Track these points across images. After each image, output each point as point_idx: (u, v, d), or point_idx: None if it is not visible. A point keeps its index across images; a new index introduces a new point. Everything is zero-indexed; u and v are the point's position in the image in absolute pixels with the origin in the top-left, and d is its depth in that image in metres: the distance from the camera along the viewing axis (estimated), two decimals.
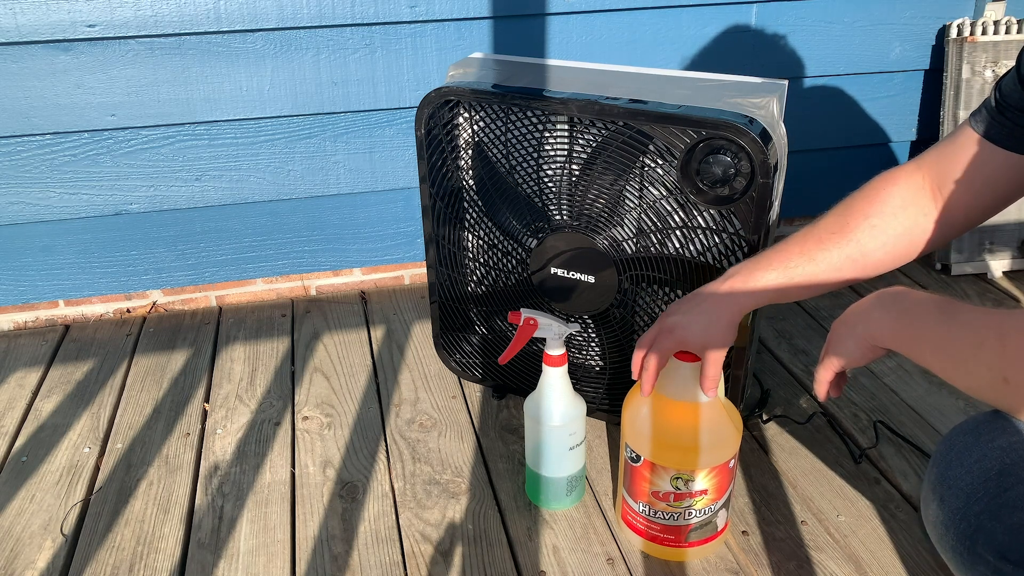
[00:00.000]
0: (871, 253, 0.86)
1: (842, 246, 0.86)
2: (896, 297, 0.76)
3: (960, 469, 0.69)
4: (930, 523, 0.72)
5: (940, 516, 0.70)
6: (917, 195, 0.86)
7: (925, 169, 0.86)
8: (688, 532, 0.99)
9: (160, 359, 1.48)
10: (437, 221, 1.25)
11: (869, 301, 0.79)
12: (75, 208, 1.50)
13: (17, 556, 1.06)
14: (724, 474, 0.96)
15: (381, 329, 1.56)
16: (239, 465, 1.21)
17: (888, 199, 0.86)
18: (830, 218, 0.88)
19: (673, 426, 0.95)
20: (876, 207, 0.86)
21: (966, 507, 0.67)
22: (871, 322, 0.77)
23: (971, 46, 1.60)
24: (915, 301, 0.74)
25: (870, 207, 0.86)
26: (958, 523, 0.67)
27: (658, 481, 0.96)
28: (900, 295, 0.76)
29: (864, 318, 0.78)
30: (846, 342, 0.80)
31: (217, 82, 1.44)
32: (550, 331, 1.02)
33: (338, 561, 1.04)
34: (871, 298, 0.79)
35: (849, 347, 0.80)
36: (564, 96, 1.07)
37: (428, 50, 1.50)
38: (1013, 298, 1.59)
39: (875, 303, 0.78)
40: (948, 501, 0.69)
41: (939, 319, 0.71)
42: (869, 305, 0.78)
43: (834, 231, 0.87)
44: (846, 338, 0.80)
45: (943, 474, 0.70)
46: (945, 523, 0.69)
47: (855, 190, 0.89)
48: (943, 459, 0.72)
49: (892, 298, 0.77)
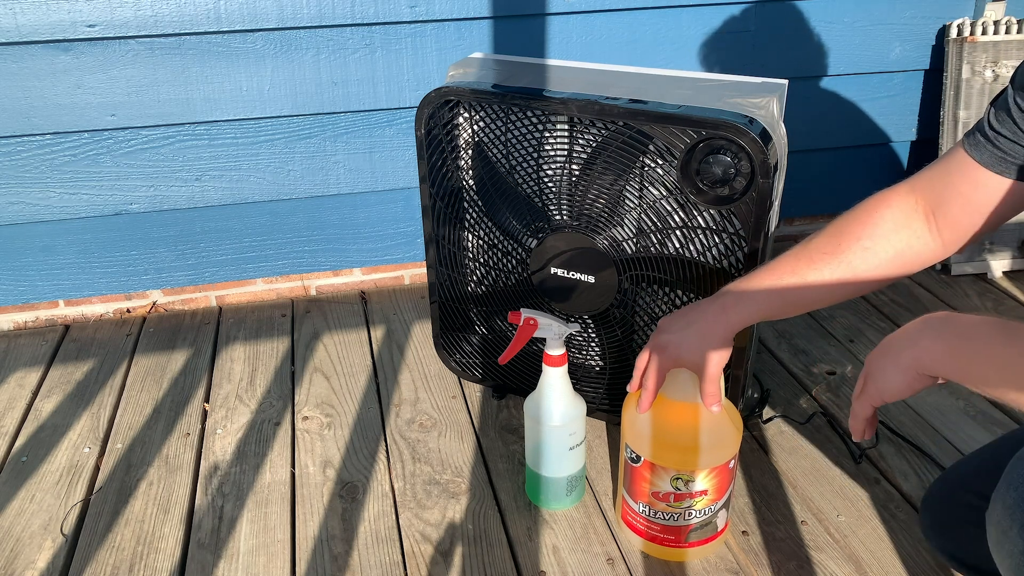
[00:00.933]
0: (862, 274, 0.86)
1: (833, 267, 0.86)
2: (946, 322, 0.72)
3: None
4: (1004, 551, 0.67)
5: (1021, 544, 0.65)
6: (910, 217, 0.85)
7: (919, 192, 0.85)
8: (688, 532, 0.99)
9: (160, 359, 1.48)
10: (437, 221, 1.25)
11: (915, 328, 0.74)
12: (75, 208, 1.50)
13: (17, 556, 1.06)
14: (724, 474, 0.96)
15: (381, 329, 1.56)
16: (239, 465, 1.21)
17: (881, 221, 0.86)
18: (822, 238, 0.88)
19: (673, 427, 0.95)
20: (868, 229, 0.86)
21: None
22: (920, 349, 0.72)
23: (971, 46, 1.60)
24: (970, 324, 0.70)
25: (863, 229, 0.86)
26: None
27: (658, 482, 0.96)
28: (950, 319, 0.72)
29: (910, 345, 0.73)
30: (887, 373, 0.75)
31: (217, 82, 1.44)
32: (550, 331, 1.02)
33: (338, 561, 1.04)
34: (916, 324, 0.74)
35: (892, 378, 0.75)
36: (564, 96, 1.07)
37: (428, 50, 1.50)
38: (1013, 298, 1.59)
39: (922, 329, 0.73)
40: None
41: (1004, 341, 0.67)
42: (916, 332, 0.74)
43: (826, 251, 0.86)
44: (888, 369, 0.75)
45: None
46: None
47: (848, 209, 0.89)
48: (1023, 483, 0.66)
49: (942, 323, 0.72)
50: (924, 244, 0.85)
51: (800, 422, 1.26)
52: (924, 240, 0.85)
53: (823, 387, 1.35)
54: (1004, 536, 0.67)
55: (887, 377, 0.76)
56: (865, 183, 1.83)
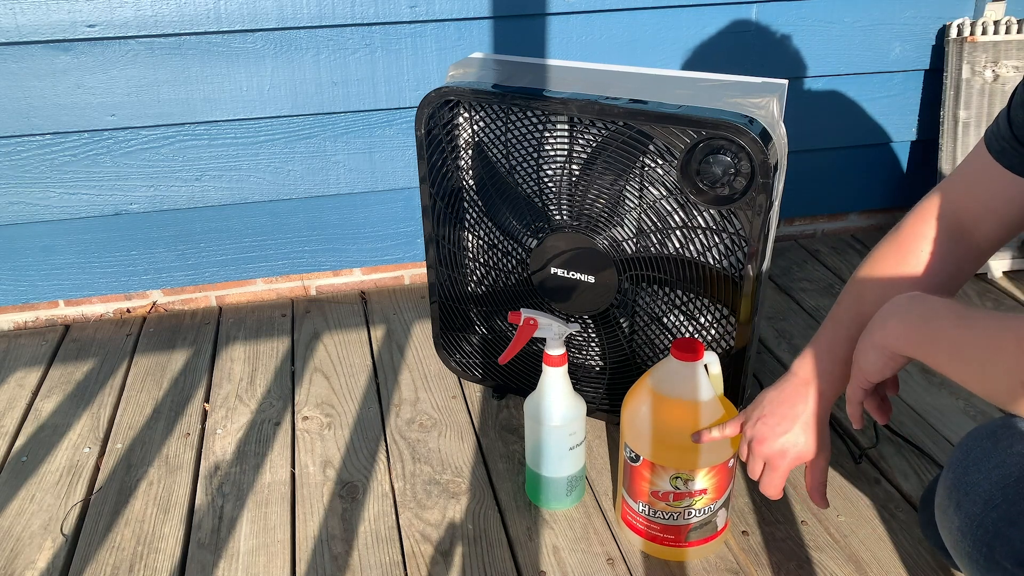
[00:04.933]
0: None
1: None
2: (911, 302, 0.75)
3: (978, 475, 0.68)
4: (945, 528, 0.71)
5: (956, 522, 0.69)
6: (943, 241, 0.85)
7: (950, 201, 0.86)
8: (688, 532, 0.99)
9: (160, 359, 1.48)
10: (437, 221, 1.25)
11: (886, 309, 0.78)
12: (75, 208, 1.50)
13: (17, 556, 1.06)
14: (724, 473, 0.96)
15: (381, 329, 1.56)
16: (239, 465, 1.21)
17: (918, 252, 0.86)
18: (869, 278, 0.89)
19: (672, 426, 0.95)
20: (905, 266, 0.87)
21: (984, 513, 0.66)
22: (887, 329, 0.76)
23: (971, 46, 1.60)
24: (930, 306, 0.74)
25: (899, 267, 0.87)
26: (975, 529, 0.66)
27: (657, 481, 0.96)
28: (915, 300, 0.75)
29: (881, 326, 0.77)
30: (867, 354, 0.79)
31: (217, 82, 1.44)
32: (550, 331, 1.02)
33: (338, 561, 1.04)
34: (887, 306, 0.78)
35: (870, 358, 0.78)
36: (564, 96, 1.07)
37: (428, 50, 1.50)
38: (1013, 298, 1.59)
39: (890, 310, 0.77)
40: (965, 507, 0.68)
41: (956, 323, 0.70)
42: (886, 313, 0.77)
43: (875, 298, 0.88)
44: (866, 350, 0.79)
45: (960, 479, 0.69)
46: (961, 529, 0.68)
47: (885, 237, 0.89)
48: (960, 464, 0.70)
49: (907, 304, 0.76)
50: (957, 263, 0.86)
51: None
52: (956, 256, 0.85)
53: None
54: (944, 515, 0.71)
55: (866, 358, 0.79)
56: (865, 183, 1.84)
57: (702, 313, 1.11)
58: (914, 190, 1.85)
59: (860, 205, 1.87)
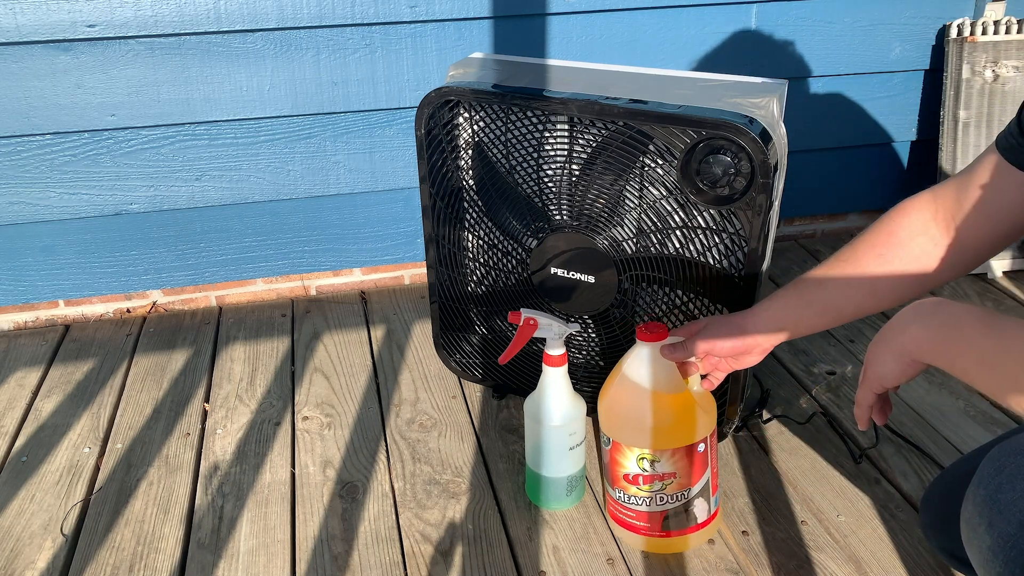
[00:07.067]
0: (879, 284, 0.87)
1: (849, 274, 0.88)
2: (936, 308, 0.74)
3: (1012, 493, 0.65)
4: (974, 546, 0.69)
5: (988, 541, 0.66)
6: (927, 225, 0.85)
7: (940, 199, 0.85)
8: (663, 519, 1.00)
9: (160, 359, 1.48)
10: (437, 221, 1.25)
11: (907, 314, 0.76)
12: (75, 208, 1.50)
13: (17, 556, 1.06)
14: (692, 458, 0.97)
15: (381, 329, 1.56)
16: (239, 465, 1.21)
17: (897, 230, 0.86)
18: (843, 250, 0.90)
19: (635, 407, 0.97)
20: (883, 237, 0.87)
21: (1018, 534, 0.63)
22: (909, 335, 0.74)
23: (971, 46, 1.60)
24: (956, 313, 0.72)
25: (877, 237, 0.87)
26: (1009, 550, 0.63)
27: (625, 462, 0.98)
28: (939, 306, 0.73)
29: (901, 331, 0.75)
30: (883, 359, 0.77)
31: (217, 82, 1.44)
32: (550, 331, 1.02)
33: (338, 561, 1.04)
34: (908, 310, 0.76)
35: (887, 363, 0.77)
36: (564, 96, 1.07)
37: (428, 50, 1.50)
38: (1013, 298, 1.59)
39: (912, 316, 0.75)
40: (998, 526, 0.65)
41: (984, 332, 0.68)
42: (906, 318, 0.76)
43: (843, 259, 0.89)
44: (883, 355, 0.77)
45: (992, 496, 0.66)
46: (993, 548, 0.65)
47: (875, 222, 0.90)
48: (992, 480, 0.67)
49: (931, 309, 0.74)
50: (942, 250, 0.84)
51: (800, 422, 1.26)
52: (942, 246, 0.84)
53: (823, 387, 1.35)
54: (974, 532, 0.68)
55: (883, 363, 0.78)
56: (865, 183, 1.83)
57: (702, 313, 1.11)
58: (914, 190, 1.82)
59: (860, 205, 1.87)
